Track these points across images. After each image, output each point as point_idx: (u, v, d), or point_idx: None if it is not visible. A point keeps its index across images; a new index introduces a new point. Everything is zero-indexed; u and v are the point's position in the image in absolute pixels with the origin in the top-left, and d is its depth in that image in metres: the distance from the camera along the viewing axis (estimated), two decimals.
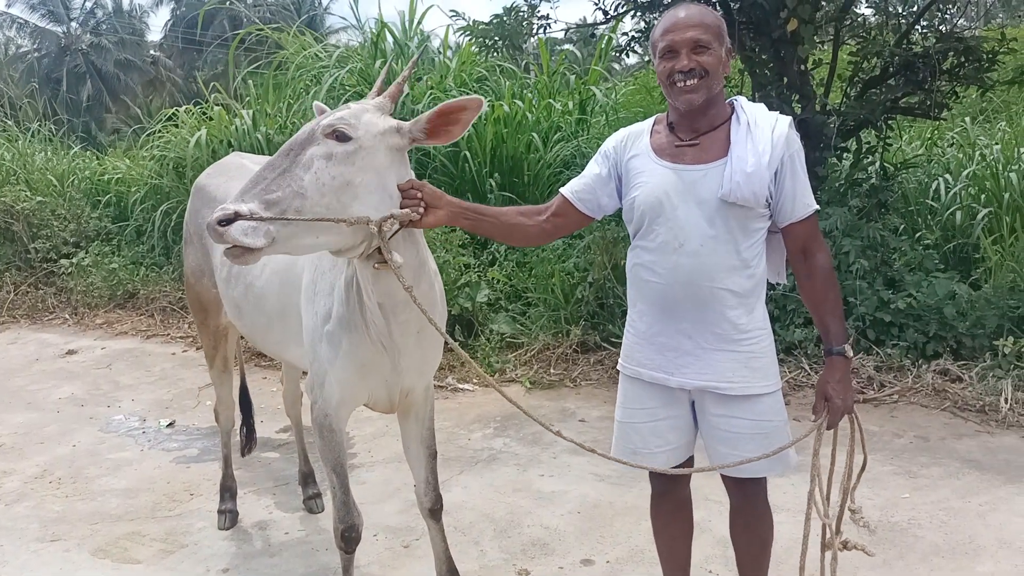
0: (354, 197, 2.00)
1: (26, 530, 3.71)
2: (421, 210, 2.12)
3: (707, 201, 2.13)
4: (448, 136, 2.15)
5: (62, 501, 4.01)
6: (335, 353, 2.41)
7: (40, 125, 10.46)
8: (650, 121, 2.35)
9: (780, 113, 2.19)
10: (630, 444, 2.38)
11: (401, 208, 2.09)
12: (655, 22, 5.98)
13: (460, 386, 5.36)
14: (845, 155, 5.90)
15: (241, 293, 2.87)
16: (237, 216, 1.86)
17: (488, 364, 5.55)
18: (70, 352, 6.64)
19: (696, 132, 2.19)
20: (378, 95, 2.20)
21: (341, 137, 2.00)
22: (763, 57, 5.58)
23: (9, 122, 10.31)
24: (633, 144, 2.30)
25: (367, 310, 2.30)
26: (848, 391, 2.18)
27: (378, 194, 2.06)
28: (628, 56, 6.34)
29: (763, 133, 2.12)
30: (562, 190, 2.38)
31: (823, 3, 5.41)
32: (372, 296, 2.25)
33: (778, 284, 2.44)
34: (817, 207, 2.20)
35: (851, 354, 2.21)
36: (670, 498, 2.48)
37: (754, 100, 2.72)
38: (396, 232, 2.09)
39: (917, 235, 5.92)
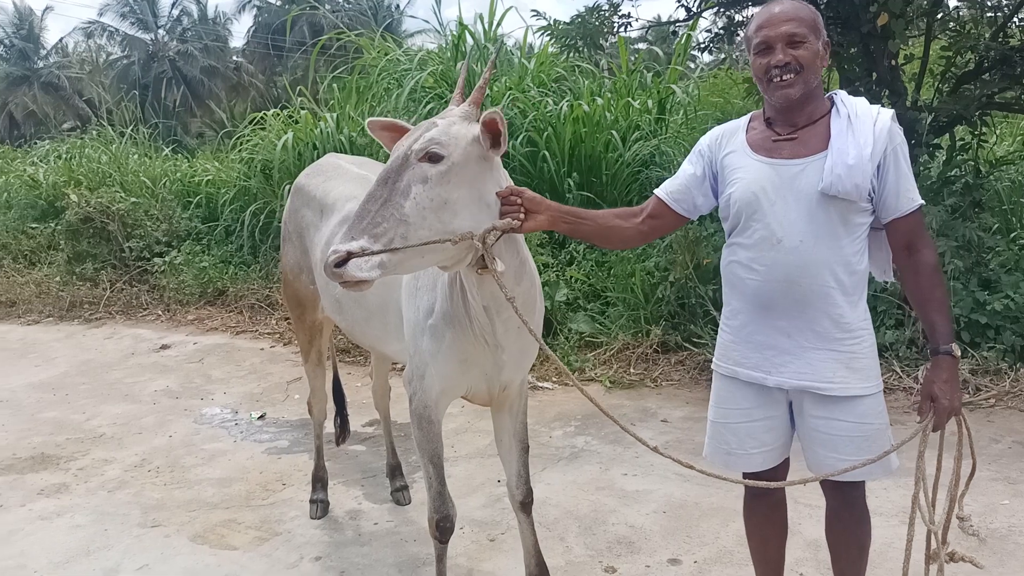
0: (454, 214, 2.04)
1: (128, 516, 3.87)
2: (521, 216, 2.15)
3: (807, 195, 2.11)
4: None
5: (161, 489, 4.17)
6: (438, 347, 2.47)
7: (134, 130, 10.89)
8: (746, 118, 2.33)
9: (882, 107, 2.16)
10: (724, 444, 2.37)
11: (501, 215, 2.13)
12: (740, 17, 5.89)
13: (540, 384, 5.39)
14: (938, 152, 5.73)
15: (342, 290, 2.94)
16: (349, 255, 1.92)
17: (567, 363, 5.56)
18: (164, 347, 6.90)
19: (794, 127, 2.17)
20: (460, 99, 2.22)
21: (434, 158, 2.02)
22: (851, 52, 5.46)
23: (107, 125, 10.76)
24: (728, 141, 2.29)
25: (471, 307, 2.35)
26: (955, 391, 2.11)
27: (476, 205, 2.09)
28: (710, 52, 6.27)
29: (864, 125, 2.08)
30: (656, 191, 2.38)
31: None
32: (477, 298, 2.30)
33: (885, 282, 2.38)
34: (922, 201, 2.15)
35: (958, 353, 2.14)
36: (765, 499, 2.45)
37: None
38: (498, 239, 2.13)
39: (1012, 234, 5.71)
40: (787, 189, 2.13)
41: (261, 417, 5.19)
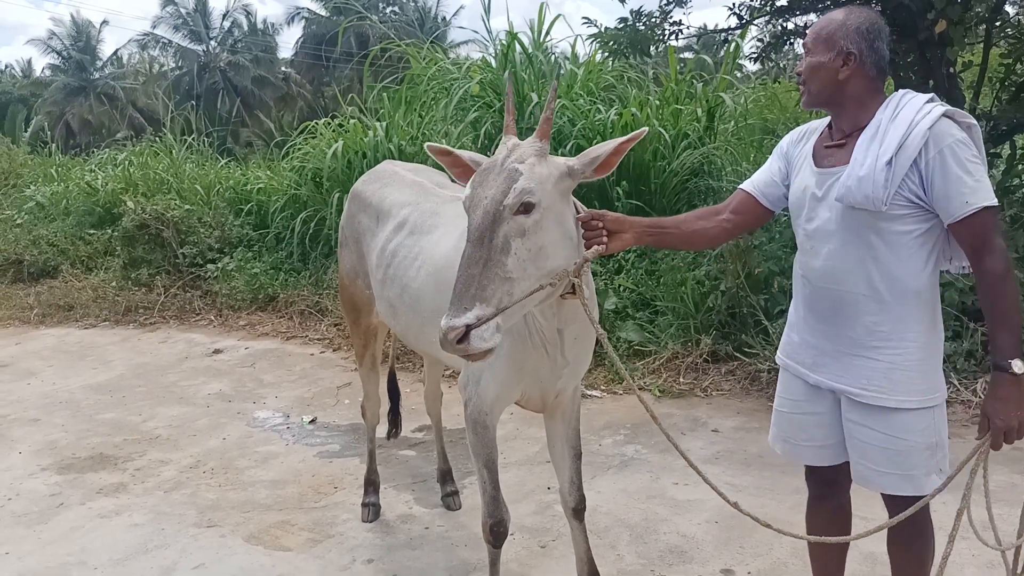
0: (547, 257, 2.04)
1: (184, 516, 3.95)
2: (605, 240, 2.17)
3: (835, 204, 2.12)
4: (608, 168, 2.15)
5: (216, 490, 4.25)
6: (494, 353, 2.48)
7: (195, 139, 11.13)
8: (825, 120, 2.33)
9: (938, 105, 2.07)
10: (781, 432, 2.44)
11: (584, 240, 2.16)
12: (790, 26, 5.80)
13: (588, 392, 5.38)
14: (997, 161, 5.61)
15: (396, 294, 2.99)
16: (468, 328, 1.90)
17: (615, 371, 5.55)
18: (216, 351, 7.01)
19: (844, 133, 2.17)
20: (512, 123, 2.19)
21: (527, 208, 1.98)
22: (908, 60, 5.38)
23: (167, 133, 11.00)
24: (803, 143, 2.32)
25: (531, 318, 2.37)
26: (1013, 411, 1.98)
27: (563, 241, 2.09)
28: (761, 63, 6.19)
29: (895, 131, 2.02)
30: (742, 186, 2.41)
31: (974, 3, 5.17)
32: (551, 320, 2.33)
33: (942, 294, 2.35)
34: (983, 204, 1.99)
35: (1020, 370, 1.99)
36: (827, 504, 2.44)
37: None
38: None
39: None
40: (825, 197, 2.16)
41: (312, 421, 5.25)
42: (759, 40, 6.53)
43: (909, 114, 2.05)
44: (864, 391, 2.15)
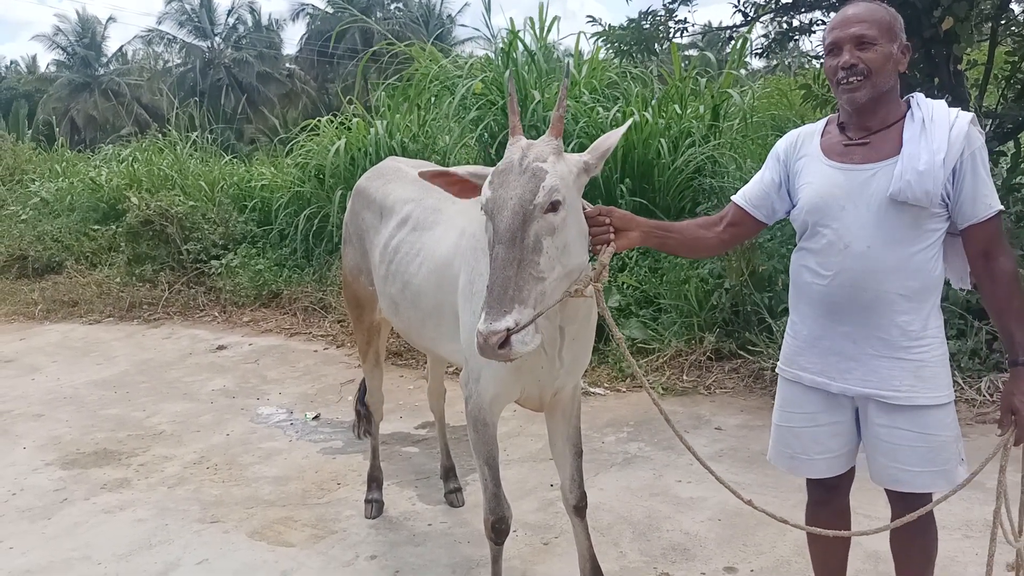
0: (570, 254, 2.04)
1: (188, 511, 3.95)
2: (612, 237, 2.16)
3: (877, 200, 2.08)
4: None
5: (219, 486, 4.25)
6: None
7: (199, 135, 11.15)
8: (823, 122, 2.32)
9: (961, 110, 2.11)
10: (788, 448, 2.35)
11: (591, 236, 2.15)
12: (796, 23, 5.78)
13: (592, 390, 5.38)
14: (1002, 159, 5.60)
15: (398, 290, 2.99)
16: (508, 332, 1.88)
17: (619, 369, 5.55)
18: (220, 347, 7.03)
19: (867, 131, 2.14)
20: (517, 121, 2.18)
21: (555, 206, 1.98)
22: (913, 57, 5.36)
23: (172, 130, 11.01)
24: (803, 145, 2.28)
25: None
26: None
27: (581, 239, 2.10)
28: (766, 58, 6.19)
29: (939, 130, 2.04)
30: (734, 199, 2.38)
31: (980, 0, 5.15)
32: (554, 320, 2.32)
33: (962, 290, 2.33)
34: (1001, 208, 2.08)
35: None
36: (829, 507, 2.42)
37: None
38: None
39: None
40: (857, 194, 2.11)
41: (316, 417, 5.26)
42: (764, 36, 6.51)
43: (943, 115, 2.07)
44: (897, 392, 2.12)
